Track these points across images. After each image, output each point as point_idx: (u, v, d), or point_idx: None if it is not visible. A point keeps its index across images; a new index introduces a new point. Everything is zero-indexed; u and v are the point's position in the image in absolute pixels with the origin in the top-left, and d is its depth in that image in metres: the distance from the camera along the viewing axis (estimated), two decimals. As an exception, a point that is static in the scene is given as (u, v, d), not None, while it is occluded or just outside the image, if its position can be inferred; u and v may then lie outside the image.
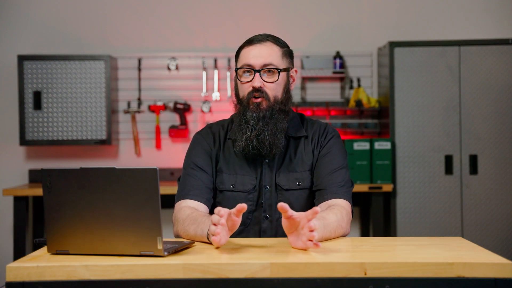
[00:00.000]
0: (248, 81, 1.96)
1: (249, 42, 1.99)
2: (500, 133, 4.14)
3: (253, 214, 1.99)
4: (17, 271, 1.46)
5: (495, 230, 4.12)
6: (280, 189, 1.98)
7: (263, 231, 1.98)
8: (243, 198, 1.98)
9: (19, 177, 4.57)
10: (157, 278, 1.45)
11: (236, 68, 1.99)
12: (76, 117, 4.34)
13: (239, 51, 2.01)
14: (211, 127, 2.10)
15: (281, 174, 1.99)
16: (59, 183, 1.54)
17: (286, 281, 1.45)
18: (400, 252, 1.59)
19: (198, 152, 2.03)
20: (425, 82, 4.17)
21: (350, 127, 4.51)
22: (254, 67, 1.95)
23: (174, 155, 4.59)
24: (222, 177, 2.01)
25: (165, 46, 4.64)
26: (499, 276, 1.44)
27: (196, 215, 1.81)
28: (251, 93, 1.96)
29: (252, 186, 1.99)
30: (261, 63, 1.95)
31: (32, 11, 4.59)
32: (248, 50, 1.97)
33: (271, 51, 1.97)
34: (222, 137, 2.06)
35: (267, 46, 1.98)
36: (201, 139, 2.07)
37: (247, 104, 1.97)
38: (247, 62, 1.96)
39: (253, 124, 1.94)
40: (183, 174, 2.02)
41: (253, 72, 1.95)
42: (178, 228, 1.87)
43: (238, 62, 2.00)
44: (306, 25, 4.63)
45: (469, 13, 4.62)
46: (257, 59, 1.95)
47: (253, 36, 2.01)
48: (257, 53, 1.96)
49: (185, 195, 1.95)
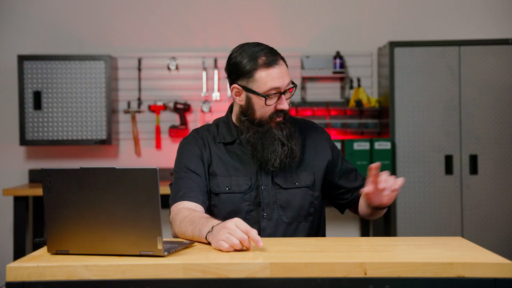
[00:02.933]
0: (272, 104, 1.96)
1: (266, 64, 1.93)
2: (500, 133, 4.14)
3: (250, 214, 2.00)
4: (17, 271, 1.46)
5: (495, 230, 4.12)
6: (278, 188, 2.01)
7: (262, 229, 1.99)
8: (240, 198, 2.00)
9: (19, 177, 4.57)
10: (157, 278, 1.45)
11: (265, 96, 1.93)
12: (76, 117, 4.34)
13: (252, 72, 1.94)
14: (198, 132, 2.12)
15: (279, 173, 2.02)
16: (59, 183, 1.54)
17: (286, 281, 1.45)
18: (400, 252, 1.59)
19: (189, 156, 2.04)
20: (425, 82, 4.17)
21: (350, 127, 4.51)
22: (281, 90, 1.95)
23: (174, 155, 4.55)
24: (217, 180, 2.02)
25: (165, 46, 4.64)
26: (499, 276, 1.44)
27: (194, 216, 1.81)
28: (275, 114, 1.98)
29: (248, 186, 2.00)
30: (286, 84, 1.96)
31: (32, 11, 4.59)
32: (270, 73, 1.94)
33: (285, 69, 1.98)
34: (211, 141, 2.08)
35: (283, 66, 1.97)
36: (190, 144, 2.08)
37: (268, 122, 1.99)
38: (274, 86, 1.94)
39: (284, 141, 1.98)
40: (176, 178, 2.03)
41: (278, 94, 1.95)
42: (175, 230, 1.87)
43: (258, 86, 1.94)
44: (306, 25, 4.63)
45: (469, 13, 4.62)
46: (283, 81, 1.95)
47: (259, 53, 1.95)
48: (279, 74, 1.95)
49: (181, 196, 1.95)
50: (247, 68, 1.95)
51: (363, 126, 4.51)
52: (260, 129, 1.99)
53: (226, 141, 2.06)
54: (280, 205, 2.01)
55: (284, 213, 2.01)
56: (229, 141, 2.06)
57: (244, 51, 1.97)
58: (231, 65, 2.00)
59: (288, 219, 2.02)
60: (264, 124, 1.99)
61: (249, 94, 1.97)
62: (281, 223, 2.01)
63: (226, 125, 2.10)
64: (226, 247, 1.59)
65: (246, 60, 1.95)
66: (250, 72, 1.95)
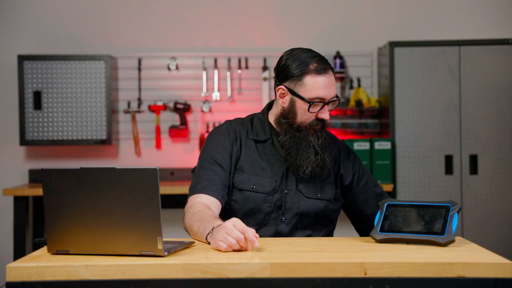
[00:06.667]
0: (314, 112, 1.97)
1: (318, 71, 1.95)
2: (500, 133, 4.14)
3: (270, 216, 2.00)
4: (17, 271, 1.46)
5: (495, 230, 4.12)
6: (301, 195, 2.01)
7: (279, 232, 1.99)
8: (262, 199, 1.99)
9: (19, 177, 4.57)
10: (157, 278, 1.45)
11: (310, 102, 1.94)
12: (76, 117, 4.34)
13: (302, 76, 1.95)
14: (231, 124, 2.10)
15: (303, 181, 2.02)
16: (59, 183, 1.54)
17: (286, 281, 1.45)
18: (400, 252, 1.60)
19: (218, 148, 2.02)
20: (425, 82, 4.17)
21: (350, 127, 4.51)
22: (325, 100, 1.96)
23: (174, 155, 4.59)
24: (243, 176, 2.01)
25: (165, 46, 4.64)
26: (499, 276, 1.44)
27: (205, 214, 1.81)
28: (315, 122, 1.98)
29: (272, 188, 2.00)
30: (331, 96, 1.97)
31: (32, 11, 4.59)
32: (319, 81, 1.95)
33: (333, 81, 1.99)
34: (244, 136, 2.06)
35: (332, 77, 1.98)
36: (221, 135, 2.06)
37: (307, 129, 1.99)
38: (320, 95, 1.95)
39: (318, 149, 1.98)
40: (200, 167, 2.01)
41: (322, 104, 1.96)
42: (186, 221, 1.88)
43: (305, 90, 1.95)
44: (306, 25, 4.63)
45: (469, 13, 4.62)
46: (329, 93, 1.96)
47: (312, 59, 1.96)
48: (328, 84, 1.95)
49: (201, 189, 1.94)
50: (297, 71, 1.96)
51: (363, 126, 4.51)
52: (298, 134, 1.99)
53: (259, 138, 2.05)
54: (300, 213, 2.01)
55: (302, 220, 2.02)
56: (262, 139, 2.05)
57: (296, 54, 1.98)
58: (281, 66, 2.00)
59: (304, 227, 2.02)
60: (303, 130, 1.99)
61: (293, 98, 1.97)
62: (297, 229, 2.02)
63: (262, 122, 2.08)
64: (224, 247, 1.59)
65: (297, 63, 1.96)
66: (299, 76, 1.95)
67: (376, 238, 1.73)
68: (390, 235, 1.71)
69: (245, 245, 1.59)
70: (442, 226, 1.67)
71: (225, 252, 1.59)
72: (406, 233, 1.70)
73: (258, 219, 1.99)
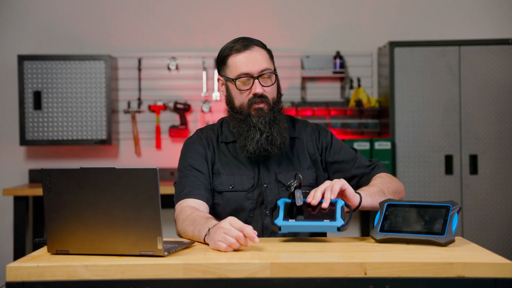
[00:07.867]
0: (247, 89, 1.98)
1: (237, 50, 2.00)
2: (500, 133, 4.14)
3: (254, 212, 2.01)
4: (17, 271, 1.46)
5: (495, 230, 4.12)
6: (281, 186, 2.02)
7: (265, 227, 2.00)
8: (243, 197, 2.01)
9: (19, 177, 4.57)
10: (157, 278, 1.45)
11: (234, 79, 1.98)
12: (76, 117, 4.34)
13: (225, 59, 2.02)
14: (202, 132, 2.13)
15: (282, 172, 2.03)
16: (59, 183, 1.54)
17: (286, 281, 1.45)
18: (400, 252, 1.59)
19: (193, 155, 2.05)
20: (425, 82, 4.17)
21: (350, 127, 4.51)
22: (253, 75, 1.98)
23: (174, 155, 4.59)
24: (220, 179, 2.03)
25: (165, 46, 4.64)
26: (499, 276, 1.44)
27: (196, 215, 1.82)
28: (253, 100, 1.99)
29: (251, 185, 2.02)
30: (258, 69, 1.98)
31: (32, 11, 4.59)
32: (240, 58, 1.99)
33: (262, 56, 2.01)
34: (215, 141, 2.09)
35: (257, 51, 2.01)
36: (194, 143, 2.09)
37: (248, 110, 2.00)
38: (244, 71, 1.98)
39: (261, 128, 1.98)
40: (180, 176, 2.04)
41: (251, 79, 1.97)
42: (178, 228, 1.89)
43: (230, 71, 2.00)
44: (306, 25, 4.63)
45: (469, 13, 4.62)
46: (253, 66, 1.98)
47: (235, 43, 2.03)
48: (251, 60, 1.98)
49: (186, 194, 1.96)
50: (221, 56, 2.04)
51: (363, 126, 4.51)
52: (240, 116, 2.01)
53: (228, 140, 2.08)
54: None
55: None
56: (231, 140, 2.08)
57: (225, 45, 2.06)
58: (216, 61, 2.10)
59: None
60: (244, 111, 2.00)
61: (227, 83, 2.03)
62: None
63: (229, 124, 2.11)
64: (224, 247, 1.59)
65: (223, 51, 2.05)
66: (223, 60, 2.03)
67: (376, 238, 1.73)
68: (390, 235, 1.71)
69: (244, 242, 1.59)
70: (442, 226, 1.67)
71: (225, 252, 1.59)
72: (406, 233, 1.70)
73: (242, 217, 1.98)
